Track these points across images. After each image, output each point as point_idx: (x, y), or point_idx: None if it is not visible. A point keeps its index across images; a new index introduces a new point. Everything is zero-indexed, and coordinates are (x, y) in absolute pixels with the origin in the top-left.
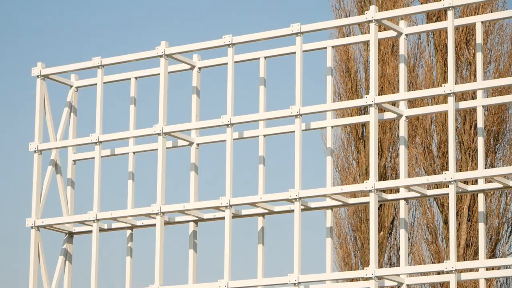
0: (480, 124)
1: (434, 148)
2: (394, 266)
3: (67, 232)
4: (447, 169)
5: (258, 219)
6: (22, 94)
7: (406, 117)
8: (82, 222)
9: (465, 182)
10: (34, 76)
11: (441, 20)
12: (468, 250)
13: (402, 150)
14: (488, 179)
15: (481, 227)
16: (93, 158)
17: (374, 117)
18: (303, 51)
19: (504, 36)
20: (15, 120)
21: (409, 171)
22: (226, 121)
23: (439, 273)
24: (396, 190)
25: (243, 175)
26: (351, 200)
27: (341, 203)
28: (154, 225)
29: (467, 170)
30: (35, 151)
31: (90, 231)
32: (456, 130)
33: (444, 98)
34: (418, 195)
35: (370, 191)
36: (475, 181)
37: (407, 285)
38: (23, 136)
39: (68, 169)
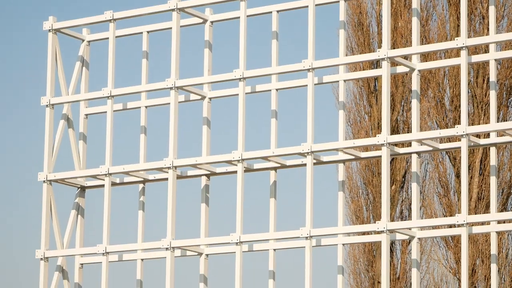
0: (493, 77)
1: (446, 102)
2: (405, 220)
3: (79, 186)
4: (459, 123)
5: (270, 173)
6: (34, 48)
7: (419, 70)
8: (94, 176)
9: (477, 135)
10: (46, 30)
11: None
12: (480, 204)
13: (415, 104)
14: (500, 133)
15: (493, 180)
16: (105, 112)
17: (387, 71)
18: (316, 5)
19: None
20: (27, 74)
21: (421, 125)
22: (238, 75)
23: (450, 226)
24: (408, 144)
25: (256, 129)
26: (363, 154)
27: (353, 157)
28: (166, 179)
29: (479, 124)
30: (47, 105)
31: (102, 185)
32: (468, 84)
33: (457, 52)
34: (430, 148)
35: (382, 144)
36: (487, 135)
37: (419, 238)
38: (35, 91)
39: (80, 123)
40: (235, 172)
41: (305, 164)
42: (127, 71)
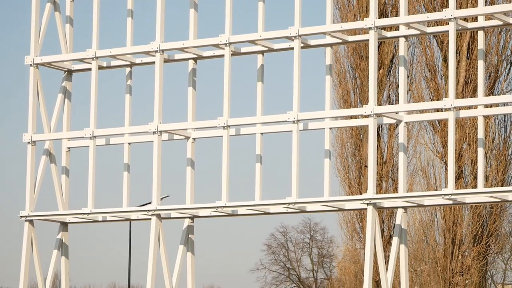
0: None
1: None
2: (393, 104)
3: (66, 70)
4: (447, 7)
5: (257, 57)
6: None
7: None
8: (81, 60)
9: (465, 19)
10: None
11: None
12: (467, 88)
13: None
14: (488, 16)
15: (480, 64)
16: None
17: None
18: None
19: None
20: None
21: (409, 9)
22: None
23: (437, 110)
24: (396, 27)
25: (244, 13)
26: (351, 38)
27: (340, 41)
28: (154, 63)
29: (467, 7)
30: None
31: (89, 69)
32: None
33: None
34: (418, 32)
35: (370, 28)
36: (475, 19)
37: (406, 122)
38: None
39: (66, 7)
40: (222, 56)
41: (292, 48)
42: None
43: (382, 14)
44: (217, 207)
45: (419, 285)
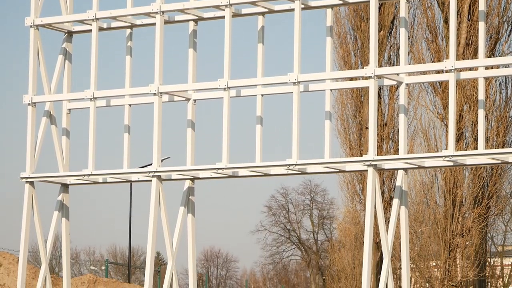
0: None
1: None
2: (393, 66)
3: (66, 31)
4: None
5: (258, 18)
6: None
7: None
8: (82, 21)
9: None
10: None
11: None
12: (468, 49)
13: None
14: None
15: (481, 26)
16: None
17: None
18: None
19: None
20: None
21: None
22: None
23: (438, 72)
24: None
25: None
26: None
27: (341, 2)
28: (154, 24)
29: None
30: None
31: (90, 31)
32: None
33: None
34: None
35: None
36: None
37: (406, 84)
38: None
39: None
40: (223, 17)
41: (293, 9)
42: None
43: None
44: (218, 168)
45: (419, 247)
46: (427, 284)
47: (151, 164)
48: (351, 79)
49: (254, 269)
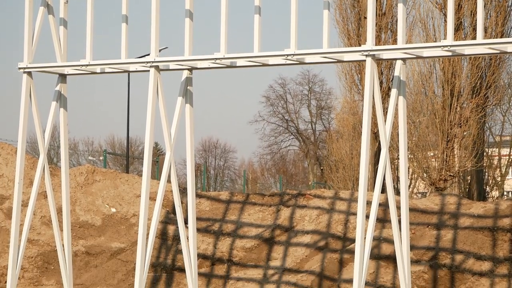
0: None
1: None
2: None
3: None
4: None
5: None
6: None
7: None
8: None
9: None
10: None
11: None
12: None
13: None
14: None
15: None
16: None
17: None
18: None
19: None
20: None
21: None
22: None
23: None
24: None
25: None
26: None
27: None
28: None
29: None
30: None
31: None
32: None
33: None
34: None
35: None
36: None
37: None
38: None
39: None
40: None
41: None
42: None
43: None
44: (216, 58)
45: (417, 137)
46: (425, 174)
47: (149, 54)
48: None
49: (252, 159)
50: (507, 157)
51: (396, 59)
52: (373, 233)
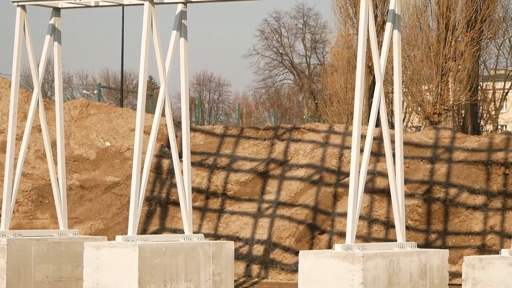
0: None
1: None
2: None
3: None
4: None
5: None
6: None
7: None
8: None
9: None
10: None
11: None
12: None
13: None
14: None
15: None
16: None
17: None
18: None
19: None
20: None
21: None
22: None
23: None
24: None
25: None
26: None
27: None
28: None
29: None
30: None
31: None
32: None
33: None
34: None
35: None
36: None
37: None
38: None
39: None
40: None
41: None
42: None
43: None
44: None
45: (412, 71)
46: (419, 108)
47: None
48: None
49: (247, 93)
50: (501, 91)
51: None
52: (367, 167)
